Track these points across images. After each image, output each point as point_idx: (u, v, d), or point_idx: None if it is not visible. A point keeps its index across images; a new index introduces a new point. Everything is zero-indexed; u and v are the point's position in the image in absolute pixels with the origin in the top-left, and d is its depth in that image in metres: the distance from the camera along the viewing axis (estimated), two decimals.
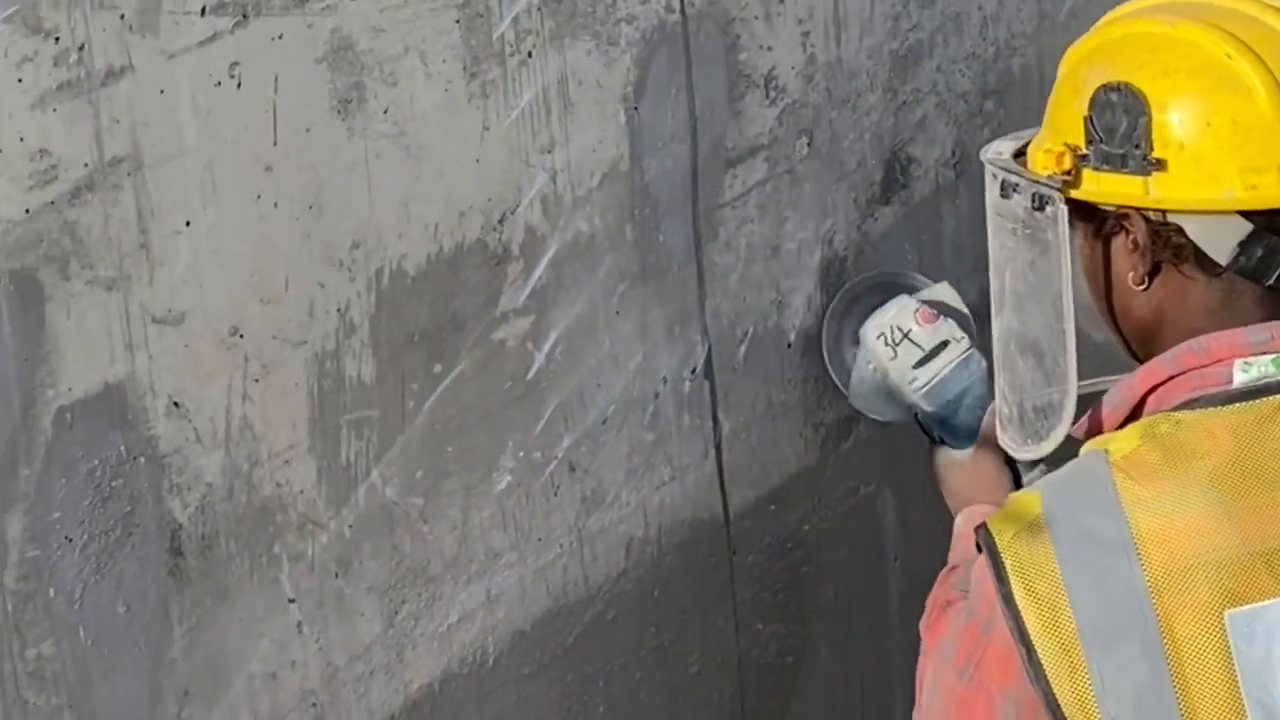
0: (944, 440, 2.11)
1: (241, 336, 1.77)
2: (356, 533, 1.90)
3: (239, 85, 1.73)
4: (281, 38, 1.76)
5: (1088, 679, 1.54)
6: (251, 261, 1.77)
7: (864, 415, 2.26)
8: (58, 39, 1.60)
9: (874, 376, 2.19)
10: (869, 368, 2.19)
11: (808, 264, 2.32)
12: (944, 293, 2.21)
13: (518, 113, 1.98)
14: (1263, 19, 1.69)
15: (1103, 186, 1.69)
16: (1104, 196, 1.70)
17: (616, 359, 2.13)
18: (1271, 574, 1.56)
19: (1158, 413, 1.66)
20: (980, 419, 2.06)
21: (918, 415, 2.16)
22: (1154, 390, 1.68)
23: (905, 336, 2.14)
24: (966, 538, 1.90)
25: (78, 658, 1.69)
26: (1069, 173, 1.69)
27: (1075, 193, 1.69)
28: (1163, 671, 1.54)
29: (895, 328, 2.15)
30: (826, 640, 2.45)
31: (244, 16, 1.73)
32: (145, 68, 1.66)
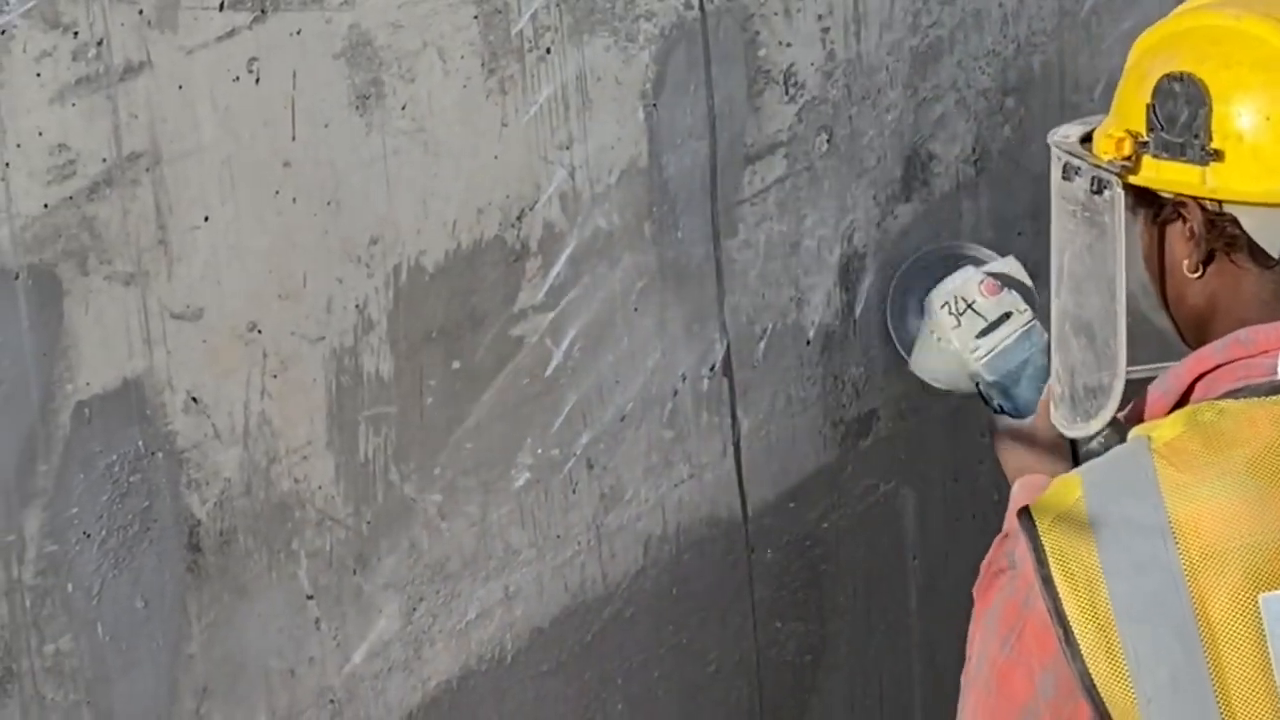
0: (1004, 409, 2.15)
1: (260, 332, 1.77)
2: (374, 529, 1.90)
3: (257, 81, 1.73)
4: (300, 33, 1.76)
5: (1123, 659, 1.58)
6: (270, 257, 1.77)
7: (929, 385, 2.30)
8: (76, 34, 1.61)
9: (937, 345, 2.23)
10: (932, 336, 2.23)
11: (827, 261, 2.31)
12: (1010, 266, 2.24)
13: (536, 109, 1.97)
14: None
15: (1161, 174, 1.73)
16: (1162, 184, 1.73)
17: (635, 356, 2.12)
18: None
19: (1204, 400, 1.69)
20: (1040, 390, 2.09)
21: (979, 384, 2.19)
22: (1201, 378, 1.71)
23: (969, 307, 2.18)
24: (1021, 505, 1.92)
25: (95, 653, 1.69)
26: (1129, 159, 1.73)
27: (1134, 179, 1.74)
28: (1197, 653, 1.57)
29: (960, 298, 2.19)
30: (845, 639, 2.44)
31: (262, 12, 1.72)
32: (164, 63, 1.67)
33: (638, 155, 2.08)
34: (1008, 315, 2.17)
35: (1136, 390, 1.77)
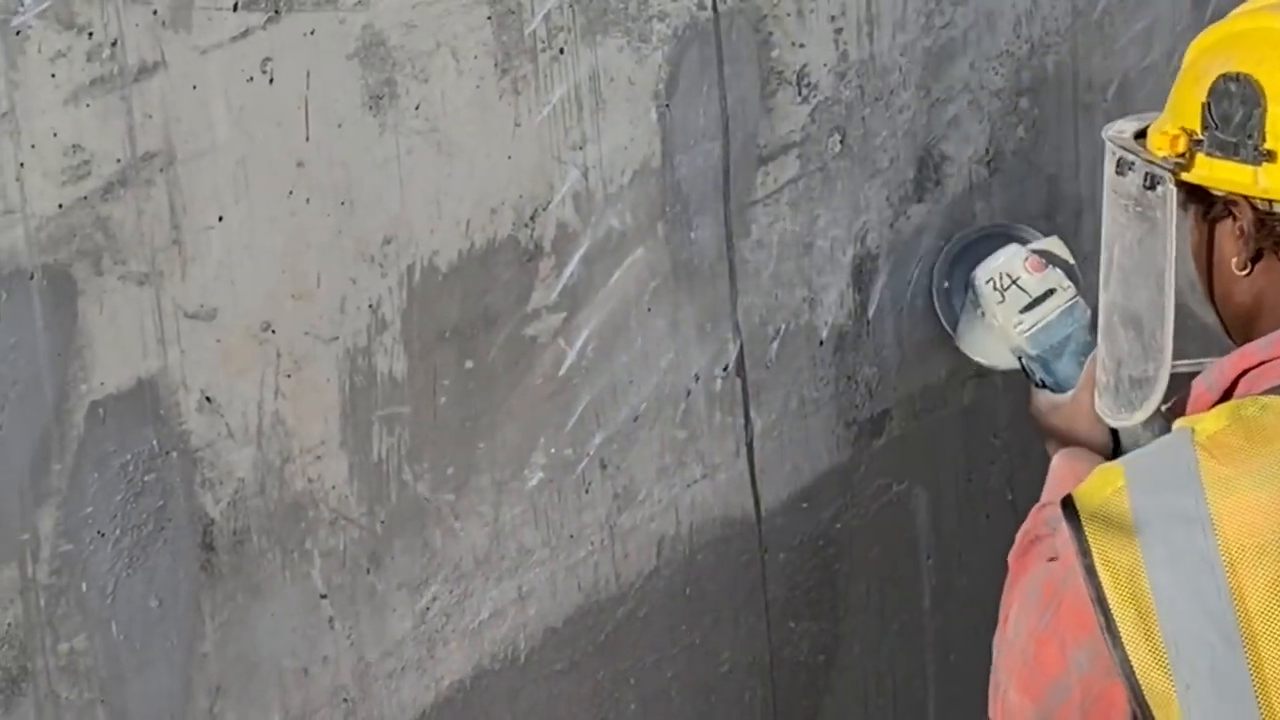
0: (1045, 384, 2.18)
1: (273, 332, 1.78)
2: (388, 528, 1.90)
3: (271, 81, 1.74)
4: (313, 33, 1.76)
5: (1163, 648, 1.61)
6: (283, 257, 1.77)
7: (973, 360, 2.33)
8: (91, 34, 1.61)
9: (981, 321, 2.26)
10: (977, 312, 2.27)
11: (840, 261, 2.31)
12: (1055, 245, 2.28)
13: (549, 109, 1.98)
14: None
15: (1214, 172, 1.75)
16: (1214, 181, 1.76)
17: (648, 356, 2.13)
18: None
19: (1247, 396, 1.71)
20: (1082, 365, 2.12)
21: (1021, 359, 2.22)
22: (1246, 374, 1.74)
23: (1014, 283, 2.21)
24: (1060, 477, 1.95)
25: (110, 652, 1.69)
26: (1182, 156, 1.75)
27: (1187, 176, 1.76)
28: (1235, 643, 1.59)
29: (1004, 274, 2.22)
30: (859, 638, 2.44)
31: (276, 12, 1.73)
32: (178, 63, 1.67)
33: (651, 155, 2.08)
34: (1051, 292, 2.20)
35: (1181, 384, 1.79)
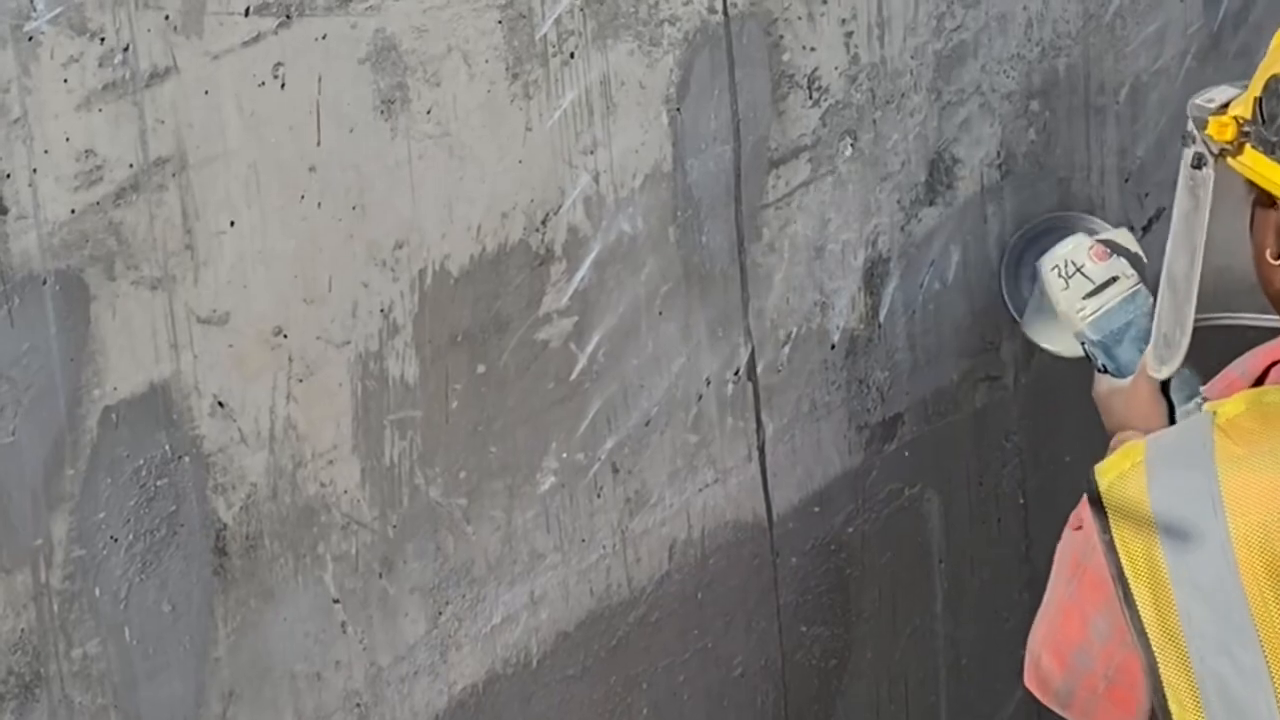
0: (1106, 369, 2.23)
1: (285, 336, 1.78)
2: (400, 533, 1.90)
3: (283, 86, 1.74)
4: (325, 38, 1.76)
5: (1177, 620, 1.67)
6: (295, 262, 1.78)
7: (1038, 345, 2.40)
8: (103, 40, 1.61)
9: (1046, 307, 2.32)
10: (1042, 299, 2.33)
11: (851, 265, 2.31)
12: (1121, 236, 2.33)
13: (560, 113, 1.98)
14: None
15: (1256, 165, 1.79)
16: (1253, 174, 1.80)
17: (659, 360, 2.13)
18: None
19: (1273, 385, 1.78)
20: (1141, 351, 2.17)
21: (1084, 344, 2.28)
22: (1276, 365, 1.81)
23: (1078, 270, 2.27)
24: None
25: (123, 657, 1.70)
26: (1231, 143, 1.80)
27: (1233, 162, 1.81)
28: (1245, 614, 1.65)
29: (1069, 261, 2.27)
30: (870, 643, 2.44)
31: (287, 17, 1.73)
32: (189, 68, 1.67)
33: (662, 159, 2.08)
34: (1114, 279, 2.26)
35: (1215, 338, 1.92)
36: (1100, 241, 2.29)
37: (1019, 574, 2.61)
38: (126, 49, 1.63)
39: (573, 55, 1.98)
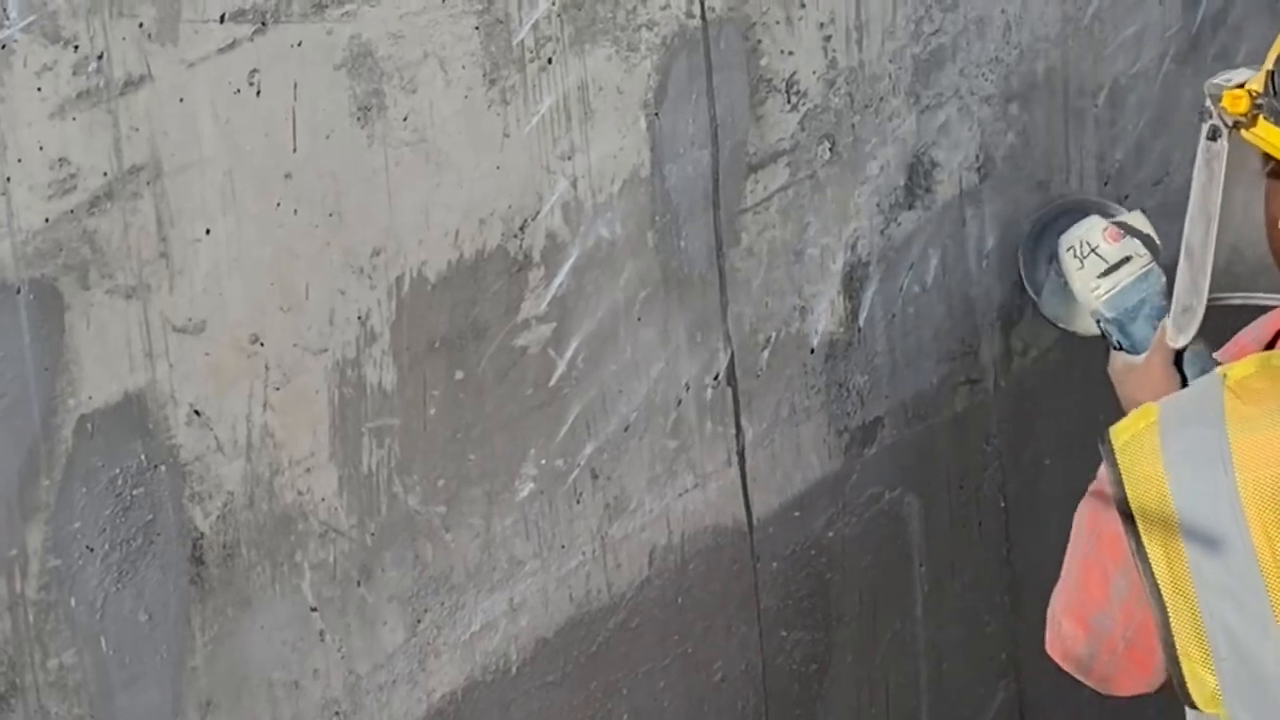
0: (1121, 346, 2.29)
1: (262, 344, 1.77)
2: (378, 541, 1.90)
3: (258, 93, 1.73)
4: (300, 45, 1.76)
5: (1186, 570, 1.72)
6: (272, 269, 1.77)
7: (1054, 325, 2.47)
8: (77, 48, 1.60)
9: (1063, 286, 2.39)
10: (1058, 279, 2.40)
11: (830, 269, 2.31)
12: (1135, 218, 2.39)
13: (538, 119, 1.97)
14: None
15: (1269, 137, 1.85)
16: (1265, 145, 1.86)
17: (638, 365, 2.12)
18: None
19: None
20: (1155, 328, 2.23)
21: (1099, 321, 2.33)
22: None
23: (1093, 250, 2.33)
24: None
25: (99, 667, 1.69)
26: (1244, 115, 1.86)
27: (1246, 134, 1.87)
28: (1254, 567, 1.70)
29: (1084, 242, 2.34)
30: (851, 647, 2.44)
31: (263, 24, 1.72)
32: (164, 76, 1.66)
33: (640, 165, 2.08)
34: (1127, 259, 2.32)
35: (1228, 316, 1.96)
36: (1115, 223, 2.35)
37: (999, 577, 2.61)
38: (101, 57, 1.62)
39: (550, 61, 1.97)
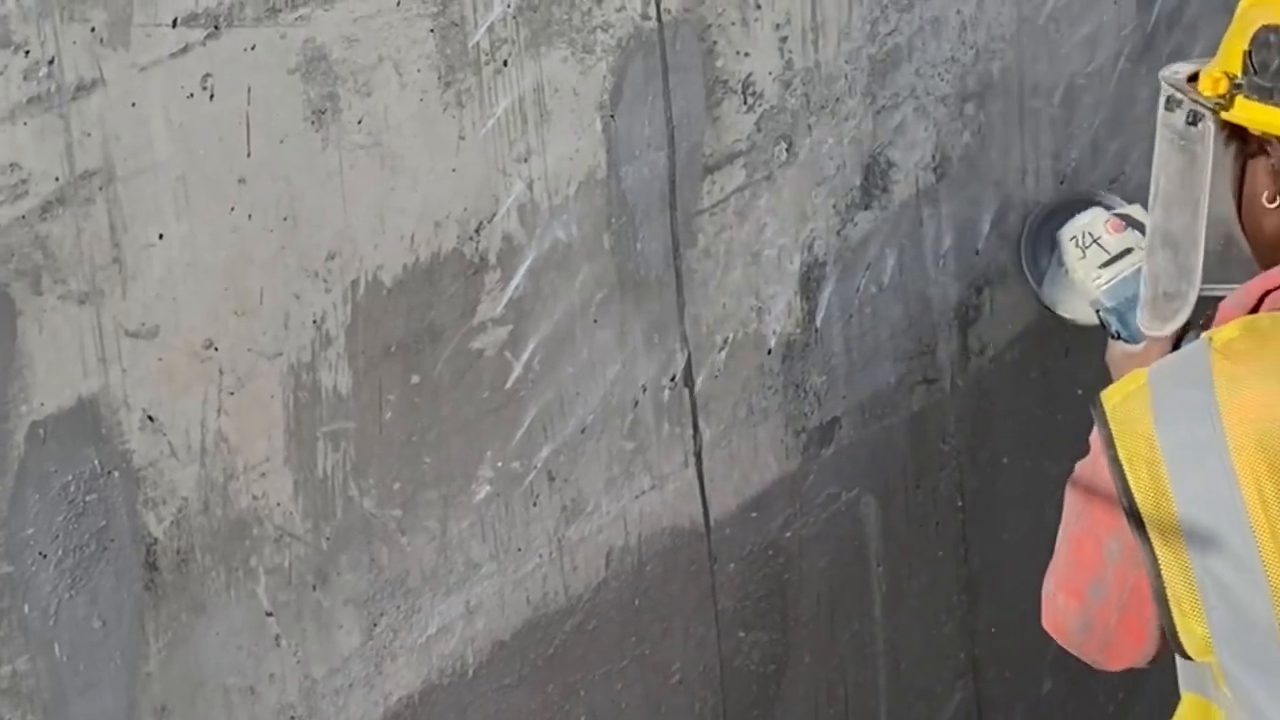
0: (1120, 335, 2.34)
1: (216, 349, 1.77)
2: (334, 545, 1.89)
3: (211, 97, 1.73)
4: (254, 49, 1.75)
5: (1177, 524, 1.76)
6: (226, 274, 1.76)
7: (1055, 313, 2.49)
8: (28, 52, 1.60)
9: (1064, 276, 2.44)
10: (1060, 269, 2.44)
11: (787, 270, 2.31)
12: (1136, 211, 2.43)
13: (494, 122, 1.97)
14: None
15: (1251, 114, 1.93)
16: (1250, 122, 1.93)
17: (595, 367, 2.12)
18: None
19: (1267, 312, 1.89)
20: None
21: (1099, 311, 2.39)
22: (1269, 294, 1.89)
23: (1095, 241, 2.39)
24: None
25: (53, 674, 1.68)
26: (1223, 97, 1.93)
27: (1226, 115, 1.94)
28: (1244, 518, 1.74)
29: (1087, 233, 2.40)
30: (809, 647, 2.44)
31: (216, 28, 1.72)
32: (116, 80, 1.66)
33: (596, 166, 2.08)
34: (1128, 250, 2.37)
35: (1212, 305, 1.97)
36: (1116, 215, 2.40)
37: (957, 577, 2.62)
38: (52, 61, 1.61)
39: (506, 63, 1.97)
